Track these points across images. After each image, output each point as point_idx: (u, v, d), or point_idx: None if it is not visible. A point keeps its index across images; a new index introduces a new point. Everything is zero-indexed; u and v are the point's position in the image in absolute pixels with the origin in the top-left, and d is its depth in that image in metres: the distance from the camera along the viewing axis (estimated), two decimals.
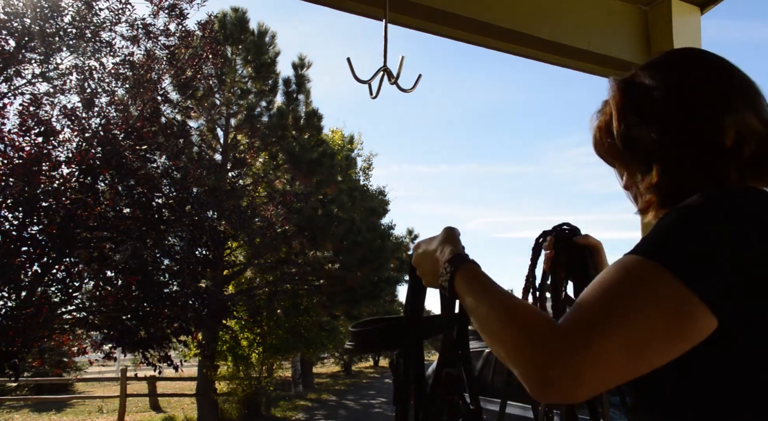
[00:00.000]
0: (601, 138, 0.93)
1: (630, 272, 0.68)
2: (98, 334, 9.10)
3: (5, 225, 7.69)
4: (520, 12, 1.85)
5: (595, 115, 0.95)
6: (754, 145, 0.80)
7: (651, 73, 0.88)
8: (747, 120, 0.80)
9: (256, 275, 13.32)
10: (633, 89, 0.88)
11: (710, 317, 0.66)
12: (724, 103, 0.81)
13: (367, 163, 22.06)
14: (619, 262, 0.71)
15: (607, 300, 0.67)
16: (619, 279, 0.68)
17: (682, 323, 0.65)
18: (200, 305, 9.27)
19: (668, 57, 0.91)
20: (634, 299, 0.66)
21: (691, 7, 2.03)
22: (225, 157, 12.37)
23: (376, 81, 1.49)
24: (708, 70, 0.85)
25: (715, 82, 0.84)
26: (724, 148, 0.79)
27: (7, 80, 8.59)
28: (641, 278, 0.67)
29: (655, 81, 0.86)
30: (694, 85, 0.84)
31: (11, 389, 15.10)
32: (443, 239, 0.97)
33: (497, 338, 0.73)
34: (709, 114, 0.81)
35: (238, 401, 13.15)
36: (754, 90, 0.85)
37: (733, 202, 0.73)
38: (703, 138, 0.80)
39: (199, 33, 10.54)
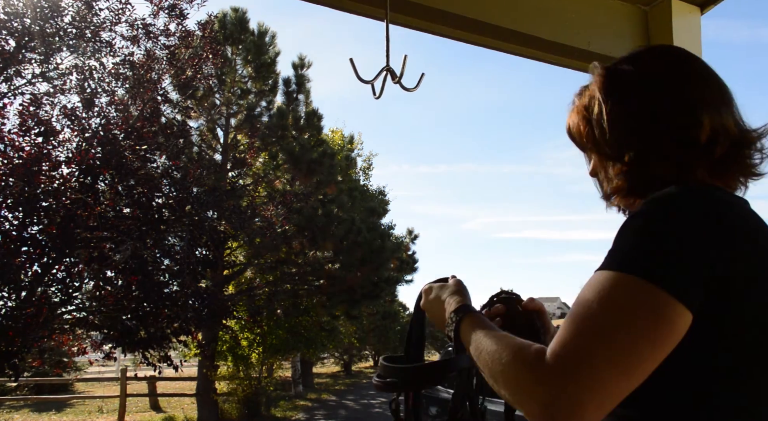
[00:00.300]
0: (578, 122, 0.94)
1: (604, 289, 0.69)
2: (98, 334, 9.10)
3: (5, 225, 7.69)
4: (520, 12, 1.85)
5: (574, 98, 0.96)
6: (726, 144, 0.81)
7: (634, 63, 0.89)
8: (723, 119, 0.82)
9: (256, 275, 13.31)
10: (617, 77, 0.89)
11: (686, 313, 0.67)
12: (704, 99, 0.82)
13: (367, 163, 22.07)
14: (592, 280, 0.72)
15: (588, 323, 0.68)
16: (595, 299, 0.69)
17: (663, 326, 0.67)
18: (200, 305, 9.27)
19: (652, 51, 0.92)
20: (612, 316, 0.67)
21: (691, 7, 2.04)
22: (225, 157, 12.36)
23: (379, 81, 1.49)
24: (690, 67, 0.87)
25: (697, 79, 0.85)
26: (698, 143, 0.81)
27: (7, 80, 8.59)
28: (615, 293, 0.68)
29: (639, 71, 0.87)
30: (676, 79, 0.85)
31: (11, 389, 15.09)
32: (452, 291, 1.01)
33: (499, 382, 0.75)
34: (689, 108, 0.82)
35: (238, 401, 13.15)
36: (729, 93, 0.87)
37: (697, 202, 0.74)
38: (679, 131, 0.81)
39: (199, 33, 10.54)
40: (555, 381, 0.66)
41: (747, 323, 0.72)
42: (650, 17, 2.06)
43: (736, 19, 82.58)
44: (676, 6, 1.98)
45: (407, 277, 16.55)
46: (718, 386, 0.72)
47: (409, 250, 17.85)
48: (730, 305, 0.71)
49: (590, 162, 0.98)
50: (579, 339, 0.67)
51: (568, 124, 0.97)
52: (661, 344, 0.67)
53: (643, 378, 0.67)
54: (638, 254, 0.70)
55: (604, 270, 0.72)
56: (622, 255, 0.72)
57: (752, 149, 0.85)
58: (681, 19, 1.98)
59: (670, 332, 0.67)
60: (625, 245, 0.73)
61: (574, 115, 0.95)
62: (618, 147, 0.86)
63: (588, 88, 0.93)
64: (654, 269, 0.68)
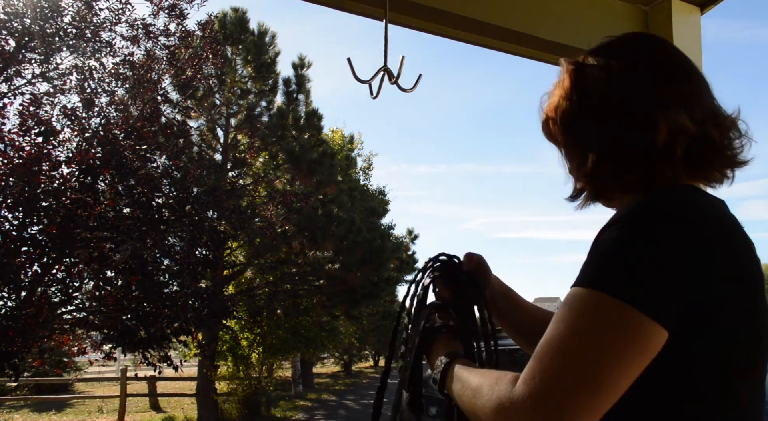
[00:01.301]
0: (548, 119, 0.92)
1: (576, 309, 0.68)
2: (98, 334, 9.10)
3: (5, 225, 7.69)
4: (520, 12, 1.85)
5: (545, 96, 0.94)
6: (685, 144, 0.79)
7: (598, 59, 0.87)
8: (679, 119, 0.79)
9: (256, 275, 13.31)
10: (580, 74, 0.87)
11: (661, 331, 0.66)
12: (659, 100, 0.80)
13: (367, 163, 22.07)
14: (567, 298, 0.70)
15: (560, 345, 0.66)
16: (567, 319, 0.68)
17: (638, 344, 0.65)
18: (200, 305, 9.26)
19: (616, 43, 0.89)
20: (586, 337, 0.66)
21: (691, 7, 2.03)
22: (225, 157, 12.36)
23: (377, 81, 1.49)
24: (651, 62, 0.84)
25: (655, 77, 0.82)
26: (656, 146, 0.79)
27: (7, 80, 8.59)
28: (587, 313, 0.67)
29: (601, 69, 0.85)
30: (634, 79, 0.82)
31: (11, 389, 15.09)
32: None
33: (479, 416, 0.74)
34: (644, 111, 0.80)
35: (238, 401, 13.15)
36: (698, 83, 0.83)
37: (671, 214, 0.72)
38: (636, 134, 0.79)
39: (199, 33, 10.54)
40: (529, 408, 0.64)
41: (720, 340, 0.71)
42: (650, 17, 2.06)
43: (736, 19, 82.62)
44: (676, 6, 1.98)
45: (407, 277, 16.55)
46: (691, 404, 0.71)
47: (409, 250, 17.88)
48: (703, 322, 0.69)
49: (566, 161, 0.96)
50: (551, 364, 0.66)
51: (541, 121, 0.95)
52: (637, 364, 0.66)
53: (619, 396, 0.66)
54: (611, 271, 0.68)
55: (577, 287, 0.70)
56: (594, 271, 0.70)
57: (728, 139, 0.82)
58: (681, 19, 1.98)
59: (643, 351, 0.66)
60: (599, 261, 0.71)
61: (546, 114, 0.93)
62: (581, 147, 0.85)
63: (557, 85, 0.91)
64: (627, 288, 0.66)
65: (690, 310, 0.68)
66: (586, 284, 0.69)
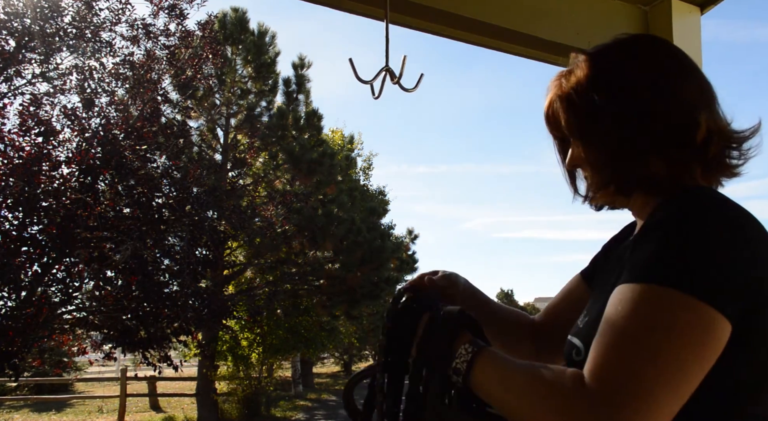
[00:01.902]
0: (561, 109, 0.87)
1: (645, 305, 0.65)
2: (98, 334, 9.10)
3: (5, 225, 7.69)
4: (520, 12, 1.85)
5: (556, 82, 0.89)
6: (720, 144, 0.80)
7: (626, 54, 0.85)
8: (716, 118, 0.80)
9: (256, 275, 13.31)
10: (609, 67, 0.84)
11: (727, 326, 0.65)
12: (699, 97, 0.80)
13: (367, 163, 22.05)
14: (627, 294, 0.67)
15: (632, 343, 0.64)
16: (636, 315, 0.65)
17: (711, 341, 0.64)
18: (200, 305, 9.27)
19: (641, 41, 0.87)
20: (659, 335, 0.63)
21: (691, 7, 2.03)
22: (225, 157, 12.36)
23: (378, 81, 1.49)
24: (682, 62, 0.84)
25: (691, 75, 0.82)
26: (694, 143, 0.78)
27: (7, 80, 8.59)
28: (659, 310, 0.64)
29: (633, 63, 0.83)
30: (673, 74, 0.82)
31: (11, 389, 15.09)
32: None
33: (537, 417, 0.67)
34: (687, 107, 0.79)
35: (238, 401, 13.15)
36: (714, 91, 0.84)
37: (723, 210, 0.72)
38: (676, 130, 0.79)
39: (199, 33, 10.54)
40: (605, 408, 0.61)
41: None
42: (650, 17, 2.06)
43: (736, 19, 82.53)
44: (676, 6, 1.98)
45: (407, 277, 16.55)
46: (747, 400, 0.70)
47: (409, 250, 17.86)
48: (758, 317, 0.69)
49: (561, 150, 0.94)
50: (625, 361, 0.63)
51: (547, 110, 0.91)
52: (708, 360, 0.65)
53: (689, 395, 0.64)
54: (677, 267, 0.66)
55: (639, 283, 0.67)
56: (659, 267, 0.67)
57: (737, 150, 0.83)
58: (681, 19, 1.98)
59: (716, 347, 0.65)
60: (661, 256, 0.68)
61: (557, 102, 0.88)
62: (609, 142, 0.82)
63: (571, 75, 0.87)
64: (697, 282, 0.65)
65: (750, 303, 0.68)
66: (652, 280, 0.67)
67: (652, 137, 0.79)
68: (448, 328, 0.82)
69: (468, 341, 0.79)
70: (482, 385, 0.75)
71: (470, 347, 0.78)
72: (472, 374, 0.76)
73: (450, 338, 0.81)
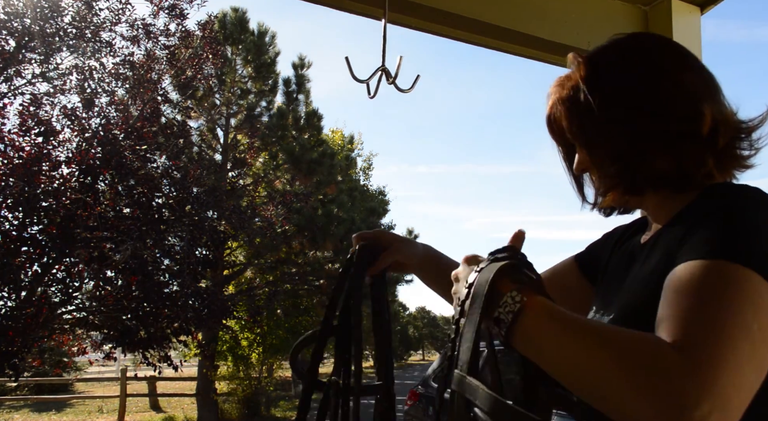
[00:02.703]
0: (562, 115, 0.86)
1: (733, 282, 0.62)
2: (98, 334, 9.10)
3: (5, 225, 7.69)
4: (520, 12, 1.85)
5: (553, 89, 0.89)
6: (729, 134, 0.79)
7: (621, 52, 0.85)
8: (722, 109, 0.80)
9: (256, 275, 13.32)
10: (605, 67, 0.84)
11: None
12: (700, 88, 0.80)
13: (367, 163, 22.07)
14: (706, 271, 0.64)
15: (722, 313, 0.60)
16: (724, 289, 0.62)
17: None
18: (200, 305, 9.27)
19: (636, 38, 0.87)
20: (747, 310, 0.60)
21: (691, 7, 2.03)
22: (225, 157, 12.37)
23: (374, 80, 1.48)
24: (680, 54, 0.84)
25: (690, 66, 0.82)
26: (700, 135, 0.78)
27: (7, 80, 8.59)
28: (745, 287, 0.62)
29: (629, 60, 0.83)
30: (671, 67, 0.82)
31: (11, 389, 15.09)
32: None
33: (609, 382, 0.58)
34: (689, 98, 0.79)
35: (238, 401, 13.15)
36: (717, 83, 0.84)
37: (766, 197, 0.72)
38: (681, 123, 0.78)
39: (199, 33, 10.55)
40: (700, 377, 0.56)
41: None
42: (650, 17, 2.06)
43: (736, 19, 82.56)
44: (676, 6, 1.98)
45: (407, 277, 16.55)
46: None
47: None
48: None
49: (566, 157, 0.94)
50: (716, 332, 0.59)
51: (548, 117, 0.90)
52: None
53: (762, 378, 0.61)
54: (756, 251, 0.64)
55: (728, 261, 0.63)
56: (740, 247, 0.65)
57: (747, 140, 0.82)
58: (681, 19, 1.98)
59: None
60: (743, 238, 0.66)
61: (557, 107, 0.87)
62: (615, 142, 0.81)
63: (570, 79, 0.87)
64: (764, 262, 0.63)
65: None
66: (734, 259, 0.64)
67: (656, 133, 0.79)
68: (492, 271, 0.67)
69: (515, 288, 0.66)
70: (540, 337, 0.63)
71: (517, 294, 0.65)
72: (521, 327, 0.64)
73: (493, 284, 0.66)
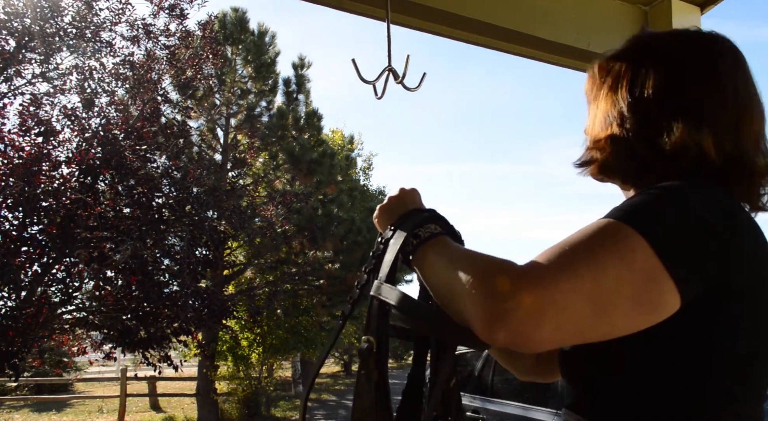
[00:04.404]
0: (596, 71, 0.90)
1: (607, 231, 0.65)
2: (98, 334, 9.10)
3: (5, 225, 7.69)
4: (521, 12, 1.85)
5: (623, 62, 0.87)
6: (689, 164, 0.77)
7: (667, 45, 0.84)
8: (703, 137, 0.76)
9: (256, 275, 13.32)
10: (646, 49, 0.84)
11: (676, 296, 0.64)
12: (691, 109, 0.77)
13: (367, 164, 22.08)
14: (596, 222, 0.68)
15: (581, 247, 0.63)
16: (595, 234, 0.65)
17: (650, 292, 0.63)
18: (200, 305, 9.27)
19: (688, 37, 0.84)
20: (608, 254, 0.62)
21: (691, 7, 2.04)
22: (225, 157, 12.37)
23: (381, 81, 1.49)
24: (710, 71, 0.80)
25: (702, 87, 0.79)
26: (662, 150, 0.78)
27: (7, 80, 8.59)
28: (616, 238, 0.64)
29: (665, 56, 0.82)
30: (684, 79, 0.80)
31: (11, 389, 15.09)
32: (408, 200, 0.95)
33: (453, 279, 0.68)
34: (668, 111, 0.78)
35: (238, 401, 13.15)
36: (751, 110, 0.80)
37: (715, 194, 0.72)
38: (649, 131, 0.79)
39: (199, 33, 10.55)
40: (527, 280, 0.60)
41: (743, 330, 0.69)
42: (650, 17, 2.07)
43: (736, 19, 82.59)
44: (676, 6, 1.99)
45: (407, 277, 16.56)
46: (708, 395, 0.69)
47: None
48: (728, 306, 0.68)
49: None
50: (570, 257, 0.62)
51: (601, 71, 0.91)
52: (641, 309, 0.63)
53: (603, 336, 0.63)
54: (652, 220, 0.66)
55: (614, 219, 0.67)
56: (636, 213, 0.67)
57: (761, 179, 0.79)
58: (681, 19, 1.99)
59: (655, 303, 0.63)
60: (641, 207, 0.68)
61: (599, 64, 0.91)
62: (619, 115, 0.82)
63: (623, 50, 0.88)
64: (662, 240, 0.64)
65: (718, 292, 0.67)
66: (621, 218, 0.66)
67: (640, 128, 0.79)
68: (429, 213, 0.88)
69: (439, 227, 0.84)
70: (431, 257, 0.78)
71: (438, 228, 0.84)
72: (430, 241, 0.80)
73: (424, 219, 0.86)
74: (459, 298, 0.66)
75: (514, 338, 0.60)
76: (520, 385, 4.69)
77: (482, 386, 5.15)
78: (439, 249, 0.78)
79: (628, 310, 0.63)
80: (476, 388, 5.18)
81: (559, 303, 0.59)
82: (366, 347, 0.81)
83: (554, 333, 0.60)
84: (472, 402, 5.03)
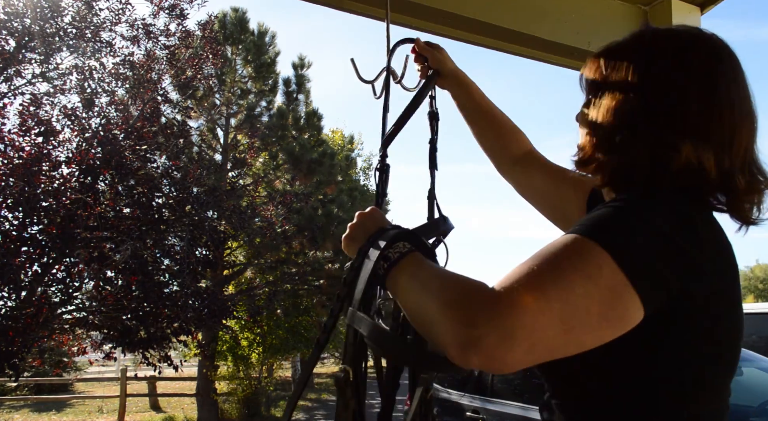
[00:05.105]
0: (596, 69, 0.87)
1: (573, 249, 0.66)
2: (98, 334, 9.10)
3: (5, 225, 7.69)
4: (521, 12, 1.85)
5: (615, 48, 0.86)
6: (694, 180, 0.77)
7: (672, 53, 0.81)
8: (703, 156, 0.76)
9: (256, 275, 13.31)
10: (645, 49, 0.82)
11: (639, 309, 0.65)
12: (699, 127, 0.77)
13: (367, 164, 22.07)
14: (563, 238, 0.69)
15: (548, 267, 0.65)
16: (562, 252, 0.66)
17: (616, 308, 0.64)
18: (200, 305, 9.26)
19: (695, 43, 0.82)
20: (574, 272, 0.64)
21: (691, 7, 2.04)
22: (225, 157, 12.37)
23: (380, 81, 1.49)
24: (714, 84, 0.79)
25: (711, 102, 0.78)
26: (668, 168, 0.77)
27: (7, 80, 8.59)
28: (582, 255, 0.65)
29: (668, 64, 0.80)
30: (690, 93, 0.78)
31: (11, 389, 15.08)
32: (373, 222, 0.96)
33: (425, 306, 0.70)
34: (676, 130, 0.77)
35: (238, 401, 13.15)
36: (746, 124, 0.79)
37: (677, 206, 0.73)
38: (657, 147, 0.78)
39: (199, 33, 10.55)
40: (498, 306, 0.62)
41: (702, 336, 0.72)
42: (650, 17, 2.06)
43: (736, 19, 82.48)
44: (676, 6, 1.99)
45: None
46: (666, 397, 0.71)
47: None
48: (689, 317, 0.70)
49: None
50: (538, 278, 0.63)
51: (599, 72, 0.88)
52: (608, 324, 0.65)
53: (573, 351, 0.65)
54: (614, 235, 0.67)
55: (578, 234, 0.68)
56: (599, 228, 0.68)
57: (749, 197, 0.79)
58: (681, 19, 1.98)
59: (620, 317, 0.65)
60: (604, 221, 0.70)
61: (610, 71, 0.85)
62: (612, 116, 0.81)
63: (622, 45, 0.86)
64: (624, 254, 0.65)
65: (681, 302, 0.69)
66: (584, 233, 0.68)
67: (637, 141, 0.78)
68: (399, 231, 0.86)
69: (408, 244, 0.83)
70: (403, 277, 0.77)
71: (409, 245, 0.82)
72: (400, 263, 0.79)
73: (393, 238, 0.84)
74: (432, 324, 0.68)
75: (487, 362, 0.61)
76: (520, 385, 4.69)
77: (482, 386, 5.14)
78: (412, 271, 0.77)
79: (595, 326, 0.64)
80: (476, 388, 5.18)
81: (529, 326, 0.61)
82: (342, 376, 0.82)
83: (526, 355, 0.62)
84: (472, 402, 5.03)
